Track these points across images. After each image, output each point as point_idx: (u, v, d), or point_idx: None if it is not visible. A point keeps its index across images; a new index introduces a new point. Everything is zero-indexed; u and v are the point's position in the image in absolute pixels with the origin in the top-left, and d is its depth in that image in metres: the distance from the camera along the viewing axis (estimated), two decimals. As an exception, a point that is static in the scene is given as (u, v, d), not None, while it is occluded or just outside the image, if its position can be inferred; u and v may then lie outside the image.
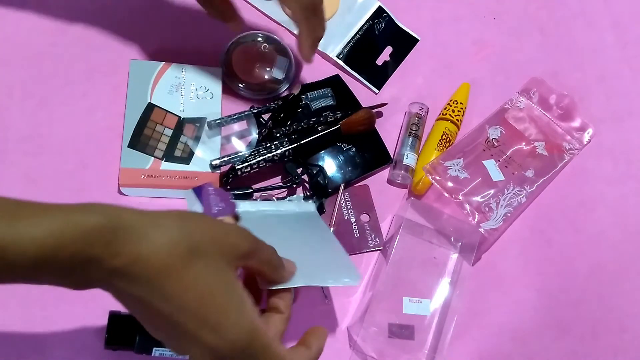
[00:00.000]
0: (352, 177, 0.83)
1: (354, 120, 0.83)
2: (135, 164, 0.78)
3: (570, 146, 0.87)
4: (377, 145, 0.85)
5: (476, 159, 0.82)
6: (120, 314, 0.69)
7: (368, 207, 0.82)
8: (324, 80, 0.88)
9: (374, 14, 0.93)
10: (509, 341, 0.78)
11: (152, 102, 0.81)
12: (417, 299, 0.76)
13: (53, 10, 0.88)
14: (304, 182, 0.82)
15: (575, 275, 0.82)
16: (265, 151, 0.79)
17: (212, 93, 0.83)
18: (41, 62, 0.84)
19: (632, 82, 0.95)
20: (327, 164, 0.82)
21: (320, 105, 0.86)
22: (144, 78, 0.82)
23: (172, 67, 0.83)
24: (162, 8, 0.90)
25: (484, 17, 0.97)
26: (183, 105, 0.82)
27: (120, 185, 0.77)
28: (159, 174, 0.78)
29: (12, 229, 0.42)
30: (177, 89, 0.82)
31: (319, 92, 0.87)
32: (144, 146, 0.79)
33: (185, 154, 0.79)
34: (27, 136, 0.80)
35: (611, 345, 0.79)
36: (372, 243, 0.80)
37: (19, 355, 0.70)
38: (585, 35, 0.97)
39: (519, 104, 0.89)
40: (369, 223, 0.81)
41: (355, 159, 0.83)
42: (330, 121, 0.83)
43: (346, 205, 0.82)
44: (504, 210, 0.79)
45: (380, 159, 0.85)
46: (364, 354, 0.74)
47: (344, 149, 0.84)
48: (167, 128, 0.80)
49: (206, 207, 0.73)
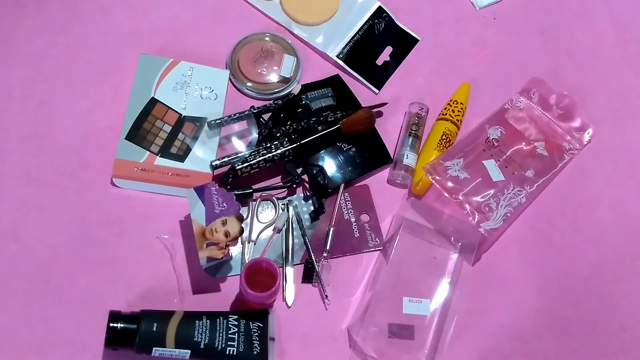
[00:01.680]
0: (352, 177, 0.83)
1: (353, 120, 0.83)
2: (130, 156, 0.78)
3: (570, 146, 0.87)
4: (377, 145, 0.85)
5: (476, 159, 0.82)
6: (120, 313, 0.69)
7: (368, 207, 0.82)
8: (324, 80, 0.88)
9: (374, 14, 0.93)
10: (509, 341, 0.78)
11: (155, 97, 0.81)
12: (417, 299, 0.76)
13: (53, 10, 0.88)
14: (304, 182, 0.82)
15: (575, 275, 0.82)
16: (266, 151, 0.79)
17: (217, 94, 0.83)
18: (41, 62, 0.84)
19: (632, 82, 0.95)
20: (327, 164, 0.82)
21: (321, 105, 0.86)
22: (150, 72, 0.82)
23: (180, 64, 0.84)
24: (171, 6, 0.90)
25: (484, 17, 0.97)
26: (186, 103, 0.82)
27: (113, 176, 0.77)
28: (152, 169, 0.78)
29: None
30: (182, 87, 0.83)
31: (319, 92, 0.87)
32: (141, 139, 0.79)
33: (181, 152, 0.79)
34: (27, 136, 0.80)
35: (611, 345, 0.79)
36: (372, 243, 0.80)
37: (19, 355, 0.70)
38: (585, 35, 0.97)
39: (519, 104, 0.89)
40: (369, 223, 0.81)
41: (355, 159, 0.83)
42: (330, 121, 0.83)
43: (346, 205, 0.82)
44: (504, 210, 0.79)
45: (380, 158, 0.85)
46: (364, 354, 0.74)
47: (344, 149, 0.84)
48: (167, 124, 0.80)
49: (208, 207, 0.73)
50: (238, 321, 0.71)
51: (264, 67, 0.86)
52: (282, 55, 0.87)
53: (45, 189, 0.77)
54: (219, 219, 0.72)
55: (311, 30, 0.92)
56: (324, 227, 0.79)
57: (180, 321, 0.69)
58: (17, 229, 0.75)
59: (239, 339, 0.70)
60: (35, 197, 0.77)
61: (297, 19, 0.92)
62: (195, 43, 0.88)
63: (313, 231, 0.79)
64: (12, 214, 0.76)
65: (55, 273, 0.74)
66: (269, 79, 0.86)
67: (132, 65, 0.83)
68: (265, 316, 0.72)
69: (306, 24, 0.92)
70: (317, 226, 0.80)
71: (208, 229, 0.72)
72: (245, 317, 0.72)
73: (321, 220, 0.80)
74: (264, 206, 0.80)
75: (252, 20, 0.91)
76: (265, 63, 0.86)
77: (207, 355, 0.69)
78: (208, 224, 0.72)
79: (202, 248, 0.71)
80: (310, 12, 0.92)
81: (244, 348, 0.70)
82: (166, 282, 0.75)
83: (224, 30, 0.90)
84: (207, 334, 0.69)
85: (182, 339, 0.68)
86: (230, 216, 0.73)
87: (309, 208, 0.81)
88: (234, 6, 0.92)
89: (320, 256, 0.78)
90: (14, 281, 0.73)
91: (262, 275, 0.72)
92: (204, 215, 0.73)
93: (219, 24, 0.90)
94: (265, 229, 0.78)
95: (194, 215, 0.73)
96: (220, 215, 0.73)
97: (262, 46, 0.88)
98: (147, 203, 0.78)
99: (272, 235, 0.78)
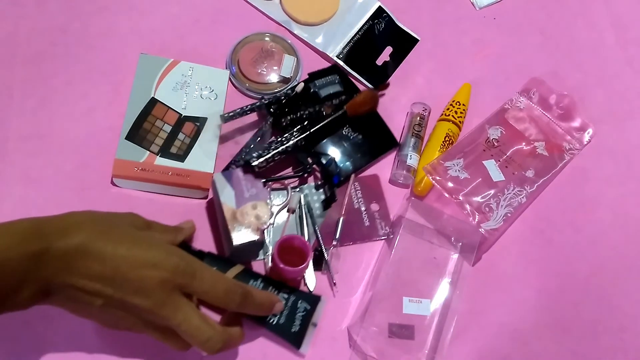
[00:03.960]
0: (363, 164, 0.83)
1: (358, 102, 0.83)
2: (130, 156, 0.78)
3: (570, 146, 0.87)
4: (382, 130, 0.86)
5: (476, 159, 0.82)
6: (189, 247, 0.73)
7: (378, 196, 0.83)
8: (330, 67, 0.89)
9: (374, 14, 0.93)
10: (509, 341, 0.78)
11: (155, 97, 0.81)
12: (417, 299, 0.76)
13: (53, 10, 0.88)
14: (315, 171, 0.82)
15: (575, 275, 0.82)
16: (278, 144, 0.79)
17: (217, 94, 0.83)
18: (41, 62, 0.84)
19: (632, 82, 0.95)
20: (337, 153, 0.83)
21: (329, 92, 0.86)
22: (150, 72, 0.82)
23: (180, 64, 0.84)
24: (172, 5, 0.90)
25: (484, 17, 0.97)
26: (186, 103, 0.82)
27: (113, 176, 0.77)
28: (152, 169, 0.78)
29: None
30: (182, 87, 0.83)
31: (326, 79, 0.87)
32: (141, 139, 0.79)
33: (181, 152, 0.79)
34: (27, 136, 0.80)
35: (611, 345, 0.79)
36: (382, 232, 0.81)
37: (19, 355, 0.70)
38: (585, 35, 0.98)
39: (519, 104, 0.89)
40: (379, 212, 0.82)
41: (363, 146, 0.84)
42: (335, 105, 0.84)
43: (356, 195, 0.82)
44: (504, 211, 0.79)
45: (387, 143, 0.85)
46: (364, 354, 0.74)
47: (351, 137, 0.84)
48: (167, 124, 0.80)
49: (238, 191, 0.74)
50: (289, 295, 0.73)
51: (264, 67, 0.86)
52: (282, 55, 0.87)
53: (45, 188, 0.77)
54: (249, 202, 0.73)
55: (311, 30, 0.92)
56: (334, 215, 0.80)
57: (239, 274, 0.72)
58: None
59: (283, 311, 0.72)
60: (36, 197, 0.77)
61: (297, 18, 0.92)
62: (195, 43, 0.88)
63: (324, 219, 0.80)
64: (12, 213, 0.76)
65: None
66: (269, 79, 0.86)
67: (132, 65, 0.83)
68: (316, 301, 0.74)
69: (306, 24, 0.92)
70: (327, 215, 0.80)
71: (239, 212, 0.73)
72: (297, 295, 0.73)
73: (331, 209, 0.81)
74: (276, 194, 0.81)
75: (252, 20, 0.91)
76: (265, 63, 0.86)
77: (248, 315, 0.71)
78: (238, 207, 0.73)
79: (235, 229, 0.72)
80: (310, 12, 0.92)
81: (284, 321, 0.72)
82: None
83: (224, 30, 0.90)
84: None
85: None
86: (260, 200, 0.74)
87: (319, 197, 0.81)
88: (234, 6, 0.92)
89: (329, 244, 0.78)
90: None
91: (291, 255, 0.73)
92: (234, 198, 0.73)
93: (219, 24, 0.90)
94: (279, 212, 0.80)
95: (223, 198, 0.73)
96: (250, 200, 0.74)
97: (262, 46, 0.88)
98: (147, 203, 0.78)
99: (287, 218, 0.79)
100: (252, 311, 0.67)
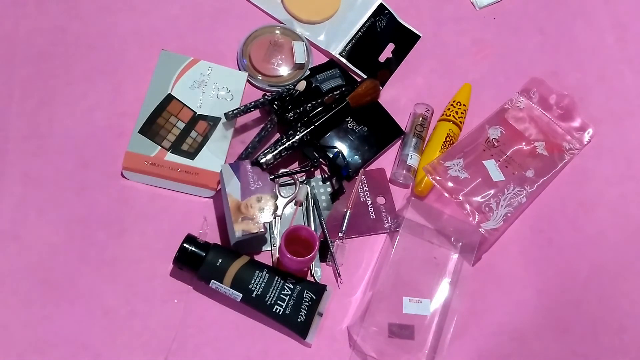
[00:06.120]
0: (371, 156, 0.84)
1: (360, 93, 0.84)
2: (142, 149, 0.79)
3: (570, 146, 0.87)
4: (386, 120, 0.86)
5: (476, 159, 0.82)
6: (195, 239, 0.73)
7: (384, 190, 0.83)
8: (330, 60, 0.89)
9: (376, 11, 0.93)
10: (509, 341, 0.78)
11: (171, 94, 0.82)
12: (417, 299, 0.76)
13: (53, 10, 0.88)
14: (322, 165, 0.83)
15: (575, 275, 0.82)
16: (285, 139, 0.80)
17: (233, 95, 0.84)
18: (41, 62, 0.84)
19: (632, 82, 0.95)
20: (344, 148, 0.84)
21: (331, 85, 0.87)
22: (169, 69, 0.83)
23: (199, 63, 0.84)
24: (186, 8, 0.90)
25: (484, 17, 0.97)
26: (201, 102, 0.82)
27: (123, 168, 0.78)
28: (162, 164, 0.78)
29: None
30: (200, 85, 0.83)
31: (327, 74, 0.88)
32: (154, 134, 0.80)
33: (192, 149, 0.80)
34: (27, 136, 0.80)
35: (611, 345, 0.79)
36: (388, 225, 0.81)
37: (19, 355, 0.70)
38: (585, 35, 0.97)
39: (519, 104, 0.89)
40: (385, 205, 0.82)
41: (370, 138, 0.84)
42: (336, 97, 0.84)
43: (363, 188, 0.83)
44: (504, 211, 0.79)
45: (392, 133, 0.86)
46: (364, 354, 0.74)
47: (356, 130, 0.84)
48: (181, 121, 0.81)
49: (244, 183, 0.74)
50: (294, 285, 0.74)
51: (279, 59, 0.87)
52: (291, 45, 0.88)
53: (45, 188, 0.77)
54: (254, 195, 0.74)
55: (313, 28, 0.92)
56: (340, 208, 0.81)
57: (243, 265, 0.73)
58: (17, 229, 0.75)
59: (289, 301, 0.73)
60: (35, 196, 0.77)
61: (299, 17, 0.92)
62: (196, 42, 0.88)
63: (330, 212, 0.80)
64: (12, 213, 0.76)
65: (56, 272, 0.74)
66: (282, 71, 0.87)
67: (132, 65, 0.83)
68: (321, 291, 0.75)
69: (308, 22, 0.92)
70: (333, 207, 0.81)
71: (243, 204, 0.73)
72: (302, 285, 0.74)
73: (337, 202, 0.81)
74: (284, 188, 0.82)
75: (254, 19, 0.91)
76: (279, 55, 0.87)
77: (255, 305, 0.72)
78: (243, 199, 0.73)
79: (238, 221, 0.72)
80: (312, 11, 0.92)
81: (290, 311, 0.72)
82: (167, 280, 0.75)
83: (226, 30, 0.90)
84: (262, 287, 0.72)
85: (238, 282, 0.72)
86: (265, 194, 0.74)
87: (326, 190, 0.82)
88: (235, 5, 0.92)
89: (335, 237, 0.79)
90: (14, 281, 0.73)
91: (297, 246, 0.73)
92: (239, 190, 0.74)
93: (221, 23, 0.90)
94: (288, 204, 0.80)
95: (229, 189, 0.74)
96: (255, 192, 0.74)
97: (270, 39, 0.88)
98: (154, 198, 0.78)
99: (295, 210, 0.80)
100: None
